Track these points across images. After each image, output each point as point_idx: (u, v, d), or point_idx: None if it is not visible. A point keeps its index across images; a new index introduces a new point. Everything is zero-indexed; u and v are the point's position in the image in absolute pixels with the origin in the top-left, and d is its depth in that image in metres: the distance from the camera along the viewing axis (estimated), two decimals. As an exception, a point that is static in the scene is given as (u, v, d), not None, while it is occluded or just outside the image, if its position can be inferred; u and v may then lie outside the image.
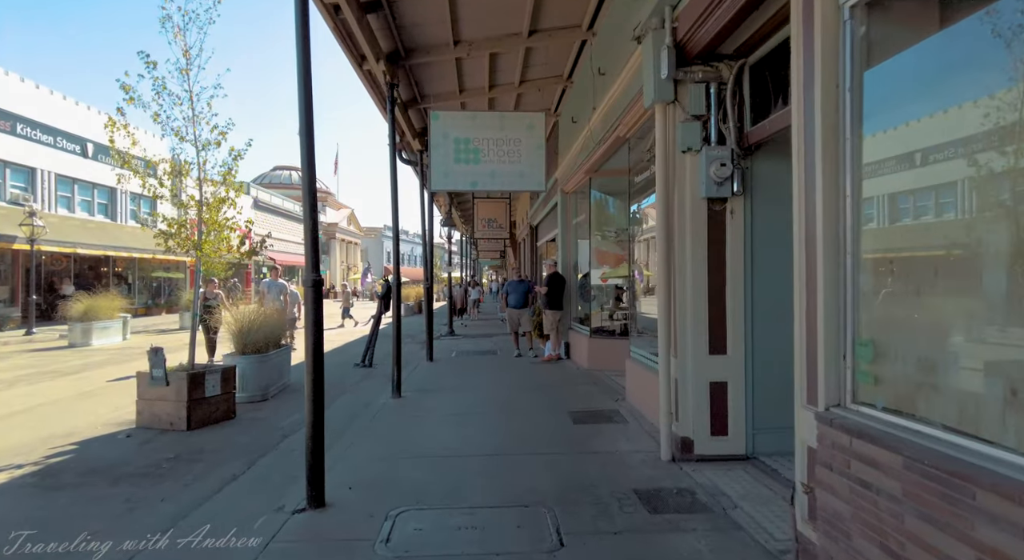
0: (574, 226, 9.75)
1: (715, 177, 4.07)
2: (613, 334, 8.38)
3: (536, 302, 10.33)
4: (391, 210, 6.58)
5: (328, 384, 7.97)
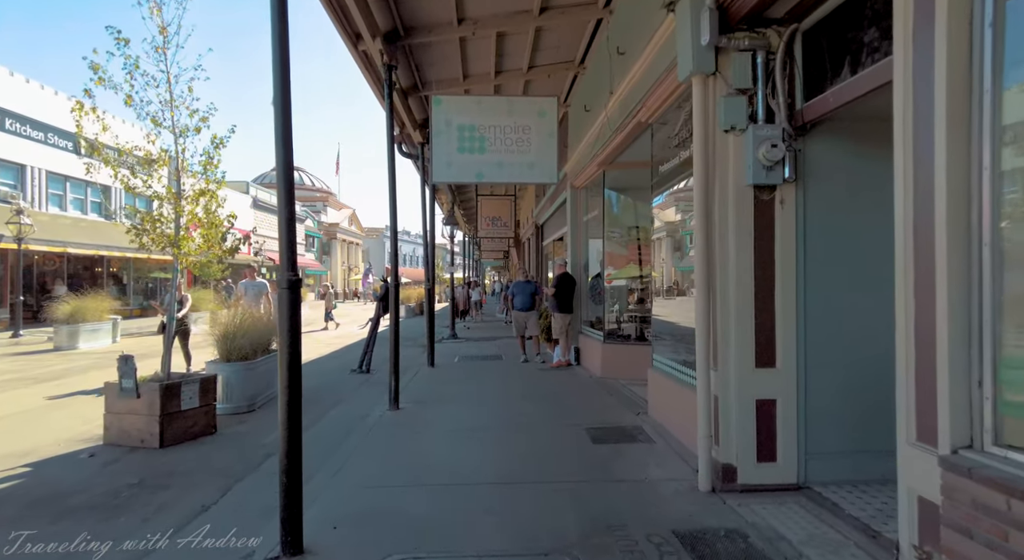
0: (585, 223, 9.16)
1: (764, 160, 3.48)
2: (628, 339, 7.79)
3: (542, 304, 9.74)
4: (389, 206, 6.00)
5: (321, 392, 7.39)
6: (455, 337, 13.88)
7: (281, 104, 2.78)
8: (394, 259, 6.03)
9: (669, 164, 5.13)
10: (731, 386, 3.63)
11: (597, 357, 7.76)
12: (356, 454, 4.45)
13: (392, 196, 5.99)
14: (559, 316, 8.66)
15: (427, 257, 9.20)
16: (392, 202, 5.98)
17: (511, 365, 9.14)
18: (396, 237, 6.01)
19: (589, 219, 8.99)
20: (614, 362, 7.48)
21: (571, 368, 8.60)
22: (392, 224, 5.99)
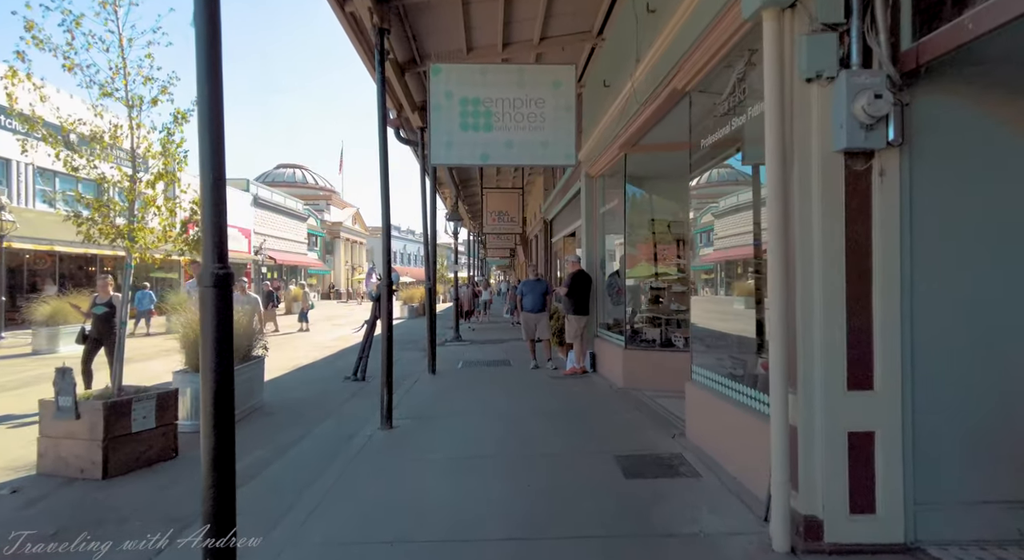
0: (601, 216, 8.30)
1: (864, 116, 2.61)
2: (652, 345, 6.93)
3: (553, 305, 8.89)
4: (380, 195, 5.17)
5: (308, 405, 6.53)
6: (459, 339, 13.06)
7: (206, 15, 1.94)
8: (386, 254, 5.20)
9: (713, 137, 4.27)
10: (815, 414, 2.78)
11: (617, 364, 6.90)
12: (334, 493, 3.62)
13: (384, 183, 5.15)
14: (573, 318, 7.81)
15: (428, 254, 8.37)
16: (384, 190, 5.14)
17: (520, 372, 8.29)
18: (388, 230, 5.18)
19: (606, 211, 8.14)
20: (638, 370, 6.62)
21: (587, 376, 7.74)
22: (384, 215, 5.16)
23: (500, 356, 10.14)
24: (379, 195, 5.15)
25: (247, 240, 31.68)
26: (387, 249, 5.20)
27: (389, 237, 5.25)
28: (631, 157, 6.78)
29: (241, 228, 31.03)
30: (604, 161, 7.47)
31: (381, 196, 5.18)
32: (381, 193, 5.18)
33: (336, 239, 49.97)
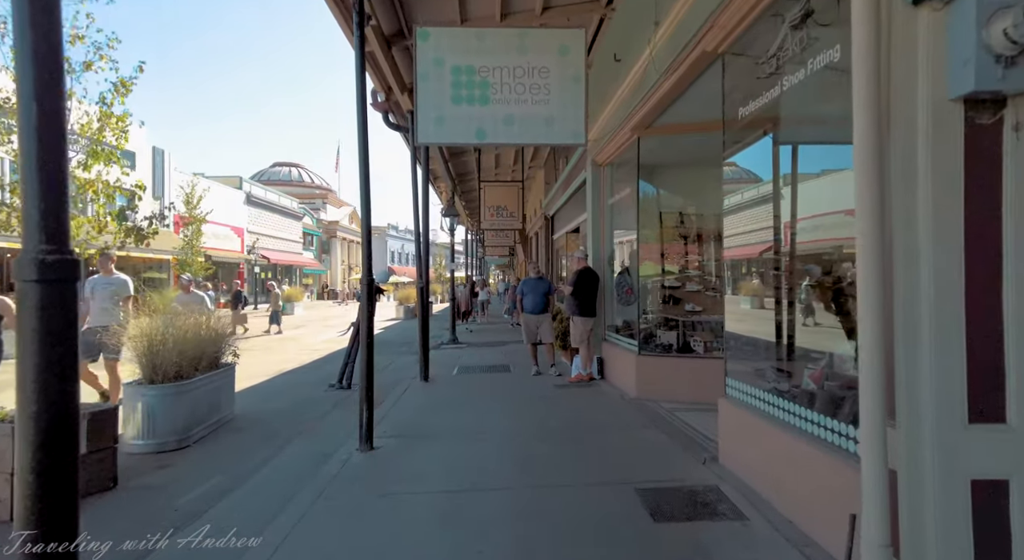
0: (609, 208, 7.58)
1: (1005, 45, 1.89)
2: (669, 350, 6.20)
3: (555, 305, 8.16)
4: (359, 183, 4.44)
5: (283, 418, 5.74)
6: (456, 342, 12.33)
7: None
8: (366, 247, 4.47)
9: (752, 106, 3.55)
10: (924, 455, 2.06)
11: (630, 372, 6.17)
12: (293, 541, 2.88)
13: (363, 167, 4.42)
14: (579, 320, 7.09)
15: (420, 249, 7.64)
16: (363, 174, 4.41)
17: (521, 379, 7.56)
18: (368, 221, 4.45)
19: (615, 203, 7.41)
20: (653, 379, 5.89)
21: (594, 384, 7.02)
22: (364, 203, 4.44)
23: (499, 360, 9.41)
24: (358, 183, 4.41)
25: (240, 239, 30.95)
26: (367, 241, 4.48)
27: (369, 230, 4.53)
28: (645, 142, 6.06)
29: (234, 227, 30.31)
30: (613, 147, 6.75)
31: (360, 185, 4.45)
32: (360, 181, 4.45)
33: (333, 238, 49.23)
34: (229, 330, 6.18)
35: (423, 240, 7.65)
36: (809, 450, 2.87)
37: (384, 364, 10.11)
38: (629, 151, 6.43)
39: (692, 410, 5.42)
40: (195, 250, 18.76)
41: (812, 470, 2.83)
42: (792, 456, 3.03)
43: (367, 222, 4.46)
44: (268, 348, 12.76)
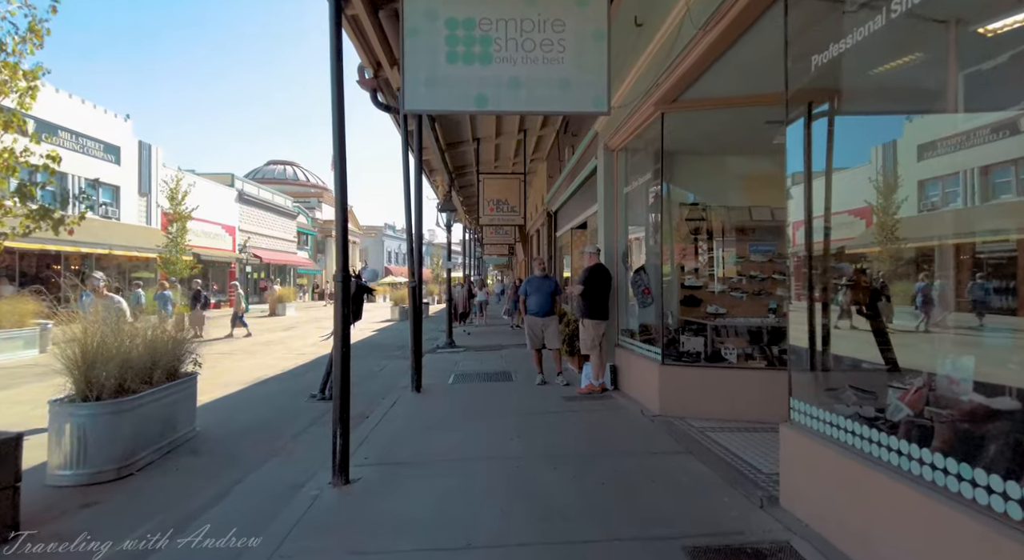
0: (624, 198, 6.78)
1: None
2: (697, 359, 5.40)
3: (561, 306, 7.36)
4: (333, 163, 3.65)
5: (253, 435, 4.79)
6: (452, 345, 11.52)
7: None
8: (341, 238, 3.67)
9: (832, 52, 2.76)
10: None
11: (651, 384, 5.37)
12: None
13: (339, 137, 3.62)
14: (590, 324, 6.30)
15: (411, 244, 6.84)
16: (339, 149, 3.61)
17: (525, 389, 6.76)
18: (344, 208, 3.65)
19: (631, 192, 6.62)
20: (680, 393, 5.10)
21: (607, 396, 6.22)
22: (338, 182, 3.63)
23: (500, 366, 8.61)
24: (332, 158, 3.61)
25: (231, 237, 30.08)
26: (342, 229, 3.68)
27: (345, 216, 3.72)
28: (672, 117, 5.27)
29: (225, 225, 29.44)
30: (631, 128, 5.96)
31: (335, 162, 3.65)
32: (335, 158, 3.65)
33: (328, 238, 48.32)
34: (189, 334, 5.36)
35: (415, 234, 6.85)
36: (925, 504, 2.10)
37: (374, 370, 9.32)
38: (650, 130, 5.64)
39: (727, 429, 4.64)
40: (180, 248, 17.89)
41: (934, 532, 2.05)
42: (898, 509, 2.24)
43: (342, 202, 3.66)
44: (251, 352, 11.94)
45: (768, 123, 5.70)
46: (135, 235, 21.10)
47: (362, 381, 8.28)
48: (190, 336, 5.74)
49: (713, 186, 6.80)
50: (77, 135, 19.10)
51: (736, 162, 6.95)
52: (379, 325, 19.26)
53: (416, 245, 6.91)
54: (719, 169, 6.92)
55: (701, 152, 6.76)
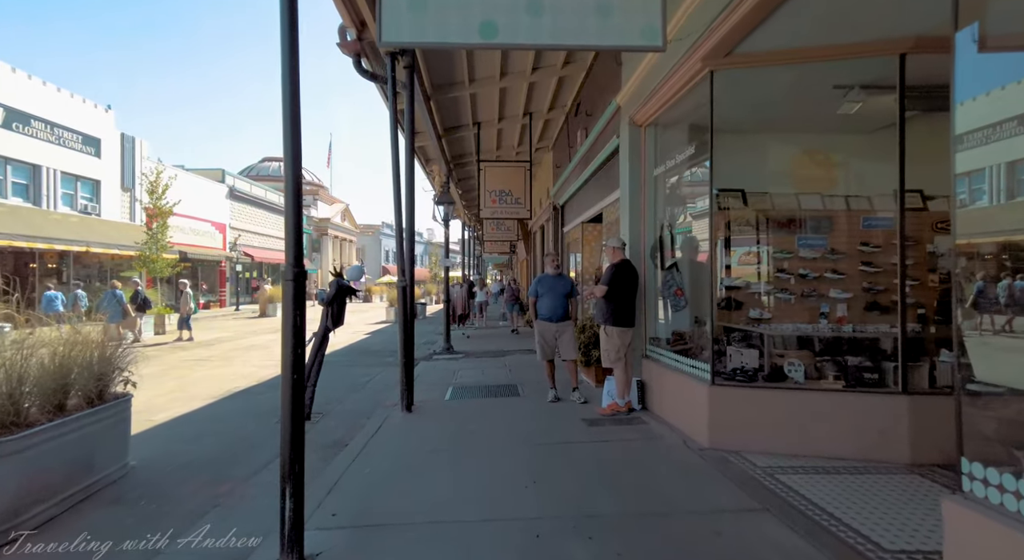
0: (653, 182, 5.73)
1: None
2: (754, 378, 4.35)
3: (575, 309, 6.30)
4: (283, 122, 2.60)
5: (201, 472, 4.31)
6: (451, 350, 10.48)
7: None
8: (293, 218, 2.61)
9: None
10: None
11: (698, 408, 4.32)
12: None
13: (290, 88, 2.58)
14: (615, 332, 5.25)
15: (400, 237, 5.79)
16: (290, 101, 2.56)
17: (536, 409, 5.70)
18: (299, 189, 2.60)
19: (664, 173, 5.57)
20: (737, 421, 4.06)
21: (635, 417, 5.18)
22: (288, 137, 2.58)
23: (503, 377, 7.55)
24: (282, 132, 2.56)
25: (222, 235, 28.99)
26: (294, 208, 2.62)
27: (297, 192, 2.67)
28: (723, 73, 4.22)
29: (215, 222, 28.35)
30: (666, 94, 4.91)
31: (284, 132, 2.60)
32: (284, 125, 2.60)
33: (324, 236, 47.26)
34: (116, 341, 4.29)
35: (405, 227, 5.80)
36: None
37: (361, 381, 8.25)
38: (693, 96, 4.60)
39: (801, 470, 3.60)
40: (161, 245, 16.78)
41: None
42: None
43: (293, 172, 2.60)
44: (229, 358, 10.87)
45: (837, 87, 4.71)
46: (116, 232, 19.99)
47: (346, 395, 7.24)
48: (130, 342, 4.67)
49: (755, 169, 5.75)
50: (52, 125, 17.98)
51: (783, 141, 5.91)
52: (373, 327, 18.20)
53: (407, 239, 5.86)
54: (762, 149, 5.87)
55: (742, 128, 5.71)
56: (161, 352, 11.75)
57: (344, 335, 15.11)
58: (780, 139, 5.86)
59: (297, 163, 2.60)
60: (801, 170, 5.93)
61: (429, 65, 7.36)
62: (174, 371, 9.18)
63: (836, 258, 5.28)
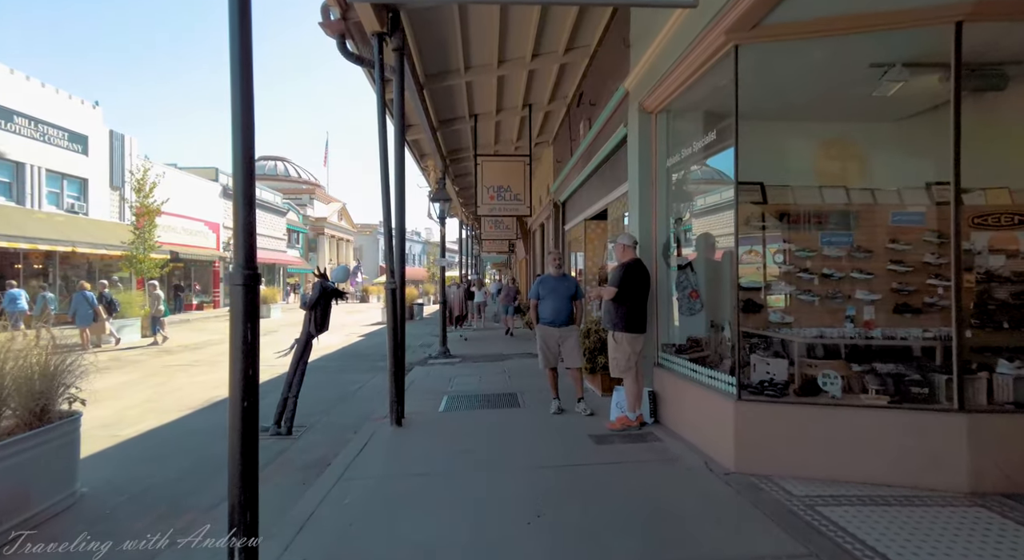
0: (665, 173, 5.25)
1: None
2: (784, 392, 3.85)
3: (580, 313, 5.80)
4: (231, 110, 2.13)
5: (159, 501, 3.97)
6: (447, 354, 10.00)
7: None
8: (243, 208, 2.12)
9: None
10: None
11: (722, 426, 3.83)
12: None
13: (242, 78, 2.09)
14: (626, 338, 4.76)
15: (388, 231, 5.30)
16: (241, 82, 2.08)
17: (539, 422, 5.22)
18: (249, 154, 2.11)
19: (677, 164, 5.08)
20: (768, 441, 3.57)
21: (648, 433, 4.70)
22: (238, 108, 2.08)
23: (502, 384, 7.06)
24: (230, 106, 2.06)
25: (215, 235, 28.46)
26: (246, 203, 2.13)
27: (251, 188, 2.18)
28: (747, 54, 3.73)
29: (208, 221, 27.82)
30: (681, 75, 4.42)
31: (233, 84, 2.11)
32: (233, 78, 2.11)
33: (320, 236, 46.75)
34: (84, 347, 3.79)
35: (395, 220, 5.31)
36: None
37: (351, 389, 7.75)
38: (712, 76, 4.11)
39: (846, 500, 3.12)
40: (148, 245, 16.23)
41: None
42: None
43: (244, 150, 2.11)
44: (215, 363, 10.36)
45: (875, 66, 4.22)
46: (104, 232, 19.45)
47: (334, 404, 6.75)
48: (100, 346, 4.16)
49: (775, 160, 5.28)
50: (36, 122, 17.44)
51: (807, 129, 5.44)
52: (369, 329, 17.71)
53: (397, 236, 5.37)
54: (783, 138, 5.40)
55: (763, 114, 5.21)
56: (145, 356, 11.25)
57: (337, 337, 14.61)
58: (803, 127, 5.39)
59: (248, 138, 2.11)
60: (825, 161, 5.45)
61: (421, 49, 6.86)
62: (154, 378, 8.69)
63: (863, 256, 4.82)
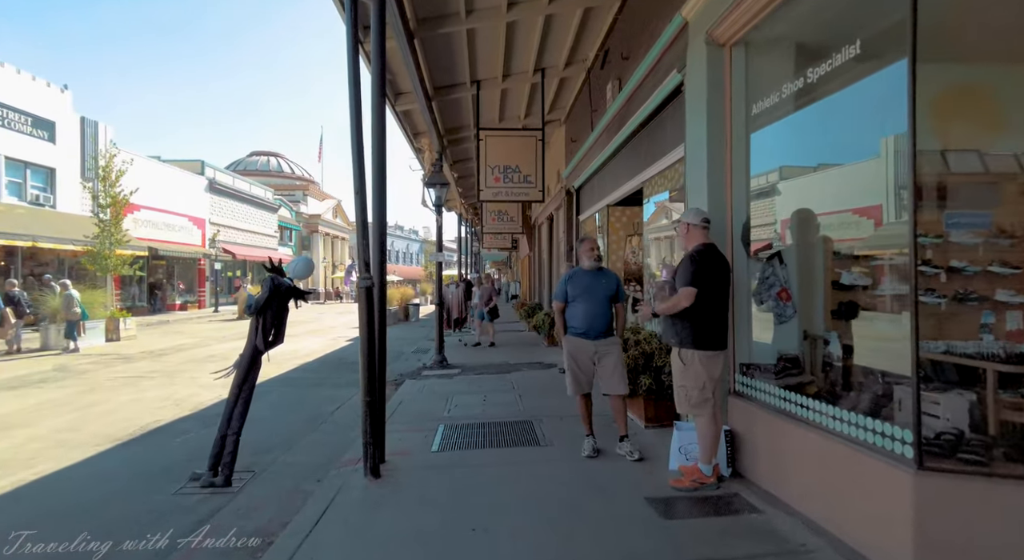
0: (750, 121, 3.78)
1: None
2: (984, 456, 2.39)
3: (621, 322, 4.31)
4: None
5: None
6: (444, 364, 8.55)
7: None
8: None
9: None
10: None
11: (888, 512, 2.37)
12: None
13: None
14: (698, 358, 3.31)
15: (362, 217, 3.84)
16: None
17: (567, 474, 3.76)
18: None
19: (764, 112, 3.62)
20: (972, 539, 2.11)
21: (731, 495, 3.25)
22: None
23: (512, 408, 5.60)
24: None
25: (200, 231, 26.96)
26: None
27: None
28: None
29: (193, 217, 26.32)
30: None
31: None
32: None
33: (314, 233, 45.32)
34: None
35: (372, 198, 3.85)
36: None
37: (325, 411, 6.22)
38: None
39: None
40: (115, 239, 14.71)
41: None
42: None
43: None
44: (171, 374, 8.89)
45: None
46: (73, 226, 17.93)
47: (299, 434, 5.30)
48: None
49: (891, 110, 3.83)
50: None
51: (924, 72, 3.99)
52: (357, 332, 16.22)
53: (375, 219, 3.92)
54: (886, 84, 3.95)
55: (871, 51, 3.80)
56: (97, 365, 9.77)
57: (319, 342, 13.14)
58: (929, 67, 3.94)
59: None
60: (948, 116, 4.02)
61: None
62: (90, 395, 7.21)
63: (1006, 244, 3.37)
